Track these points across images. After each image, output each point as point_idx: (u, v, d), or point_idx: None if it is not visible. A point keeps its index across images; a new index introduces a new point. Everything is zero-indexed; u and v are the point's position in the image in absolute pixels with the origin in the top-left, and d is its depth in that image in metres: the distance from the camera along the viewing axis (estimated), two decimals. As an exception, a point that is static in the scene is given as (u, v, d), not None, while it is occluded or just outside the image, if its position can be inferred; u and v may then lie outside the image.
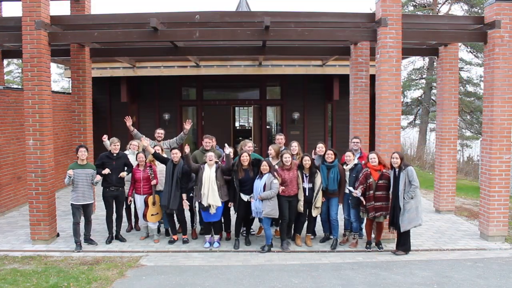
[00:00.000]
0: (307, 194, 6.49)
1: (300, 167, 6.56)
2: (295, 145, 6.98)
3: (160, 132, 7.65)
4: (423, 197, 10.35)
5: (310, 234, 6.77)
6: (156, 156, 6.81)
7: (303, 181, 6.51)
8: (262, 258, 6.19)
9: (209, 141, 7.22)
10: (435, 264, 5.88)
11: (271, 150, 6.99)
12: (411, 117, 24.74)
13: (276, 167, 6.60)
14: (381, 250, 6.44)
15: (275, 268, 5.77)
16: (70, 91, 9.12)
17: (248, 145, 7.10)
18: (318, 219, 6.83)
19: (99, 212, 8.66)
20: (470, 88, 21.89)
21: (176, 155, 6.67)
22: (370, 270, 5.64)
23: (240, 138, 12.24)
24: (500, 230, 6.84)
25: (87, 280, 5.25)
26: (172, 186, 6.60)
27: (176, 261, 6.05)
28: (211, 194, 6.39)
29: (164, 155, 7.08)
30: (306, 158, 6.51)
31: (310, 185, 6.49)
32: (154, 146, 7.12)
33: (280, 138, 7.33)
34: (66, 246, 6.67)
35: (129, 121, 7.62)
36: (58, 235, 7.11)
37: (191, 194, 6.78)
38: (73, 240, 6.60)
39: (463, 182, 13.39)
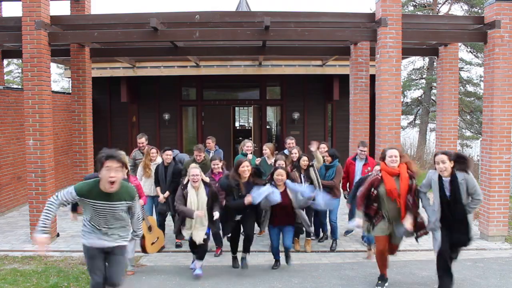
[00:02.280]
0: None
1: (298, 168, 6.32)
2: (295, 152, 6.58)
3: (141, 142, 6.90)
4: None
5: (309, 238, 6.51)
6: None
7: (300, 182, 6.20)
8: (262, 258, 6.19)
9: (199, 154, 6.52)
10: (435, 264, 5.87)
11: (266, 149, 6.92)
12: (411, 117, 24.75)
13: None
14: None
15: (275, 268, 5.76)
16: (70, 91, 9.12)
17: (247, 145, 7.09)
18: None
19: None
20: (470, 88, 21.91)
21: (169, 157, 6.40)
22: (370, 270, 5.63)
23: (240, 138, 12.25)
24: (500, 230, 6.84)
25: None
26: (169, 189, 6.41)
27: (176, 261, 6.05)
28: (199, 226, 5.21)
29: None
30: (304, 158, 6.30)
31: (308, 183, 6.23)
32: (135, 161, 6.74)
33: (291, 142, 6.95)
34: (66, 246, 6.67)
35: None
36: (58, 235, 7.11)
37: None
38: (73, 240, 6.57)
39: (463, 182, 13.37)
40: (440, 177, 4.46)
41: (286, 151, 7.02)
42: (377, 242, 4.79)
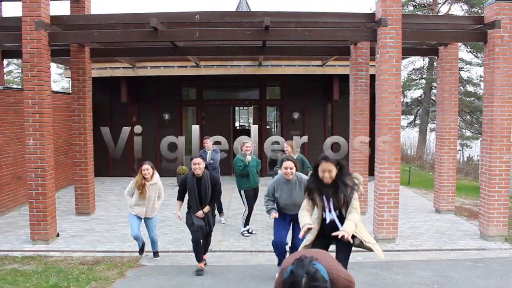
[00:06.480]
0: None
1: None
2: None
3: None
4: (424, 197, 10.35)
5: None
6: None
7: None
8: (262, 258, 6.19)
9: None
10: (435, 264, 5.88)
11: (287, 147, 6.96)
12: (411, 117, 24.77)
13: None
14: None
15: (275, 268, 5.76)
16: (70, 91, 9.11)
17: (246, 145, 7.06)
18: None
19: (99, 212, 8.68)
20: (470, 88, 21.94)
21: (199, 165, 5.39)
22: (370, 270, 5.63)
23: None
24: (500, 230, 6.84)
25: (87, 280, 5.25)
26: (201, 204, 5.47)
27: (176, 261, 6.05)
28: None
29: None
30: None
31: None
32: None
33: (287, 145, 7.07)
34: (66, 246, 6.67)
35: None
36: (58, 235, 7.11)
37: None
38: (73, 240, 6.56)
39: (463, 182, 13.38)
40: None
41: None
42: None
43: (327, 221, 3.88)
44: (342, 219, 3.83)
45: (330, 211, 3.86)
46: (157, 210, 5.95)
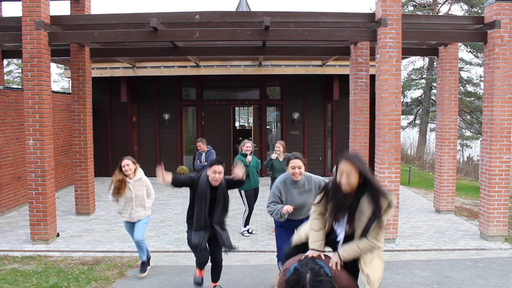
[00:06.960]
0: None
1: None
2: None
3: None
4: (423, 197, 10.35)
5: None
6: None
7: None
8: (262, 258, 6.20)
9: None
10: (435, 264, 5.89)
11: (280, 146, 6.98)
12: (411, 117, 24.80)
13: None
14: None
15: (275, 268, 5.76)
16: (70, 91, 9.11)
17: (247, 145, 7.08)
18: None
19: (99, 212, 8.68)
20: (470, 88, 21.96)
21: (219, 175, 4.42)
22: (370, 270, 5.63)
23: (240, 138, 12.26)
24: (500, 230, 6.84)
25: (87, 280, 5.25)
26: (211, 216, 4.58)
27: (176, 261, 6.05)
28: None
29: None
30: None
31: None
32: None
33: (279, 147, 7.14)
34: (66, 246, 6.67)
35: None
36: (58, 235, 7.11)
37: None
38: (73, 240, 6.56)
39: (463, 182, 13.39)
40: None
41: (273, 155, 7.12)
42: None
43: (336, 233, 3.14)
44: (350, 237, 3.04)
45: (339, 221, 3.11)
46: (148, 209, 5.43)
